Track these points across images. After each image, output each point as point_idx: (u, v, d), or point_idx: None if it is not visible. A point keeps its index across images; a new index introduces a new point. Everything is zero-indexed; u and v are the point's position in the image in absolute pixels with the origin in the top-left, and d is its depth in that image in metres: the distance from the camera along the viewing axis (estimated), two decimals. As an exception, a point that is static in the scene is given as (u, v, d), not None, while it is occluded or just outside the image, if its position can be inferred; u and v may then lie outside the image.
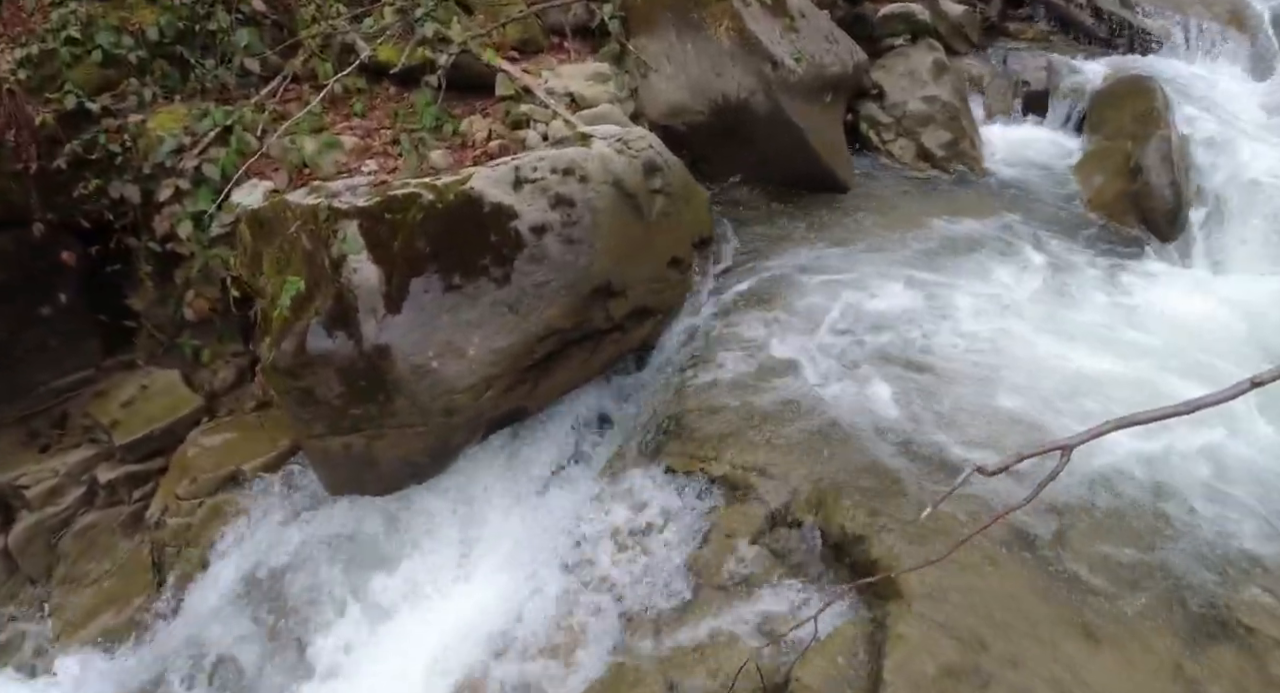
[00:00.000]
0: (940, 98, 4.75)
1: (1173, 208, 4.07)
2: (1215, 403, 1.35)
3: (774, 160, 4.29)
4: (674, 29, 4.31)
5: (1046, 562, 2.43)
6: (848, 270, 3.60)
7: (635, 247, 3.27)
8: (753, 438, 2.87)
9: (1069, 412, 2.97)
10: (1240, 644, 2.32)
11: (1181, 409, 1.36)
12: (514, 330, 2.98)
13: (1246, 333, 3.60)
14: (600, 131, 3.50)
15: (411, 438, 2.98)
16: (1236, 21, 5.53)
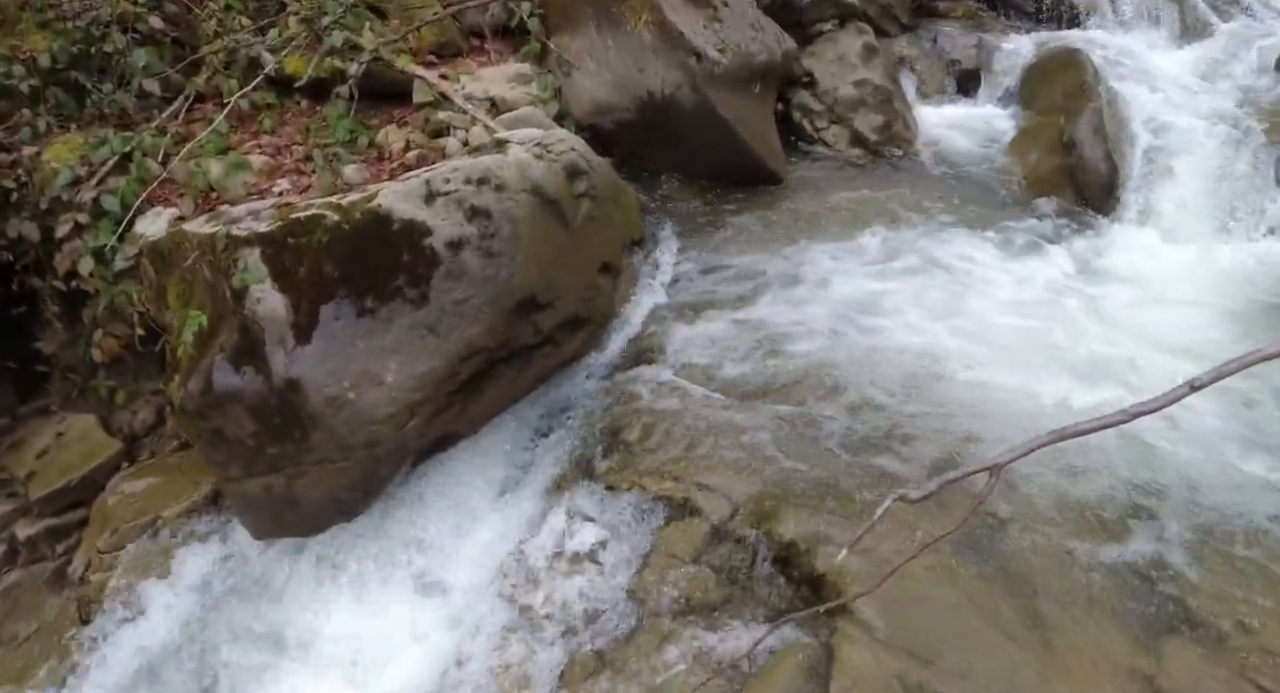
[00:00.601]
0: (872, 81, 4.66)
1: (1107, 181, 4.04)
2: (1153, 410, 1.26)
3: (705, 155, 4.17)
4: (594, 25, 4.17)
5: (994, 564, 2.35)
6: (785, 267, 3.50)
7: (561, 255, 3.12)
8: (692, 451, 2.76)
9: (1018, 401, 2.91)
10: (1196, 634, 2.26)
11: (1118, 419, 1.27)
12: (435, 353, 2.82)
13: (1184, 300, 3.59)
14: (518, 136, 3.35)
15: (334, 474, 2.81)
16: (1162, -10, 5.54)
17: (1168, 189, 4.06)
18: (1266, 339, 3.38)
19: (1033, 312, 3.44)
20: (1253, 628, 2.30)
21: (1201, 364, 3.12)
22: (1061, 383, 3.03)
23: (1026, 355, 3.17)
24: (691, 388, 3.00)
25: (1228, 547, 2.42)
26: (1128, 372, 3.12)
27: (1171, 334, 3.33)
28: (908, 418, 2.83)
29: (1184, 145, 4.22)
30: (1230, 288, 3.67)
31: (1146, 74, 4.71)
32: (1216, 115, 4.42)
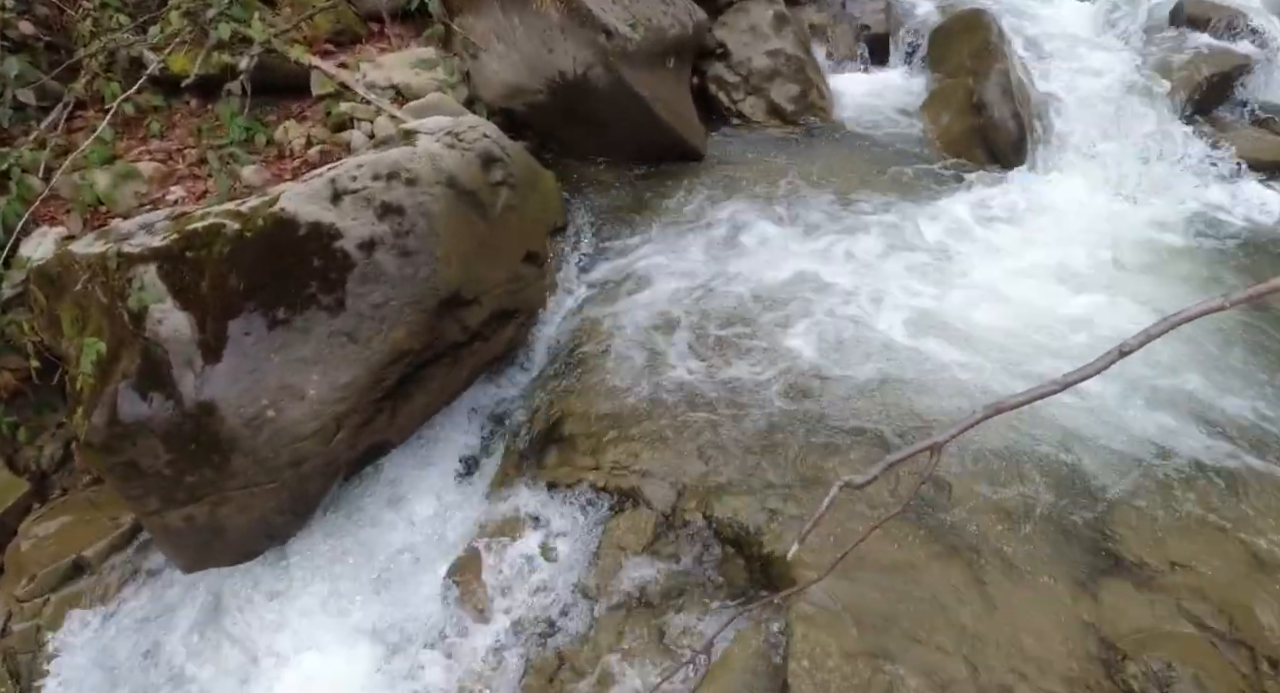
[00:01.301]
0: (784, 51, 4.64)
1: (1016, 138, 4.12)
2: (1085, 377, 1.26)
3: (623, 135, 4.08)
4: (499, 4, 4.02)
5: (937, 528, 2.39)
6: (709, 242, 3.48)
7: (483, 247, 3.01)
8: (633, 439, 2.71)
9: (950, 365, 2.96)
10: (1132, 577, 2.34)
11: (1051, 389, 1.27)
12: (357, 361, 2.69)
13: (1097, 251, 3.70)
14: (427, 126, 3.20)
15: (261, 497, 2.66)
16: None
17: (1075, 144, 4.17)
18: (1179, 285, 3.56)
19: (952, 270, 3.50)
20: (1184, 567, 2.40)
21: (1119, 314, 3.29)
22: (989, 342, 3.10)
23: (953, 316, 3.22)
24: (626, 373, 2.95)
25: (1154, 496, 2.52)
26: (1047, 326, 3.20)
27: (1084, 286, 3.44)
28: (844, 385, 2.85)
29: (1088, 100, 4.34)
30: (1140, 235, 3.81)
31: (1049, 32, 4.82)
32: (1118, 70, 4.57)
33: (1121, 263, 3.55)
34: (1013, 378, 2.85)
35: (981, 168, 4.14)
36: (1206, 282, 3.52)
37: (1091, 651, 2.23)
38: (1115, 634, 2.26)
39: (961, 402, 2.74)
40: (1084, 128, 4.21)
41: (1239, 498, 2.55)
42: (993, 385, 2.84)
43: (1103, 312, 3.20)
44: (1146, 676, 2.18)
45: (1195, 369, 2.97)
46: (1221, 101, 4.72)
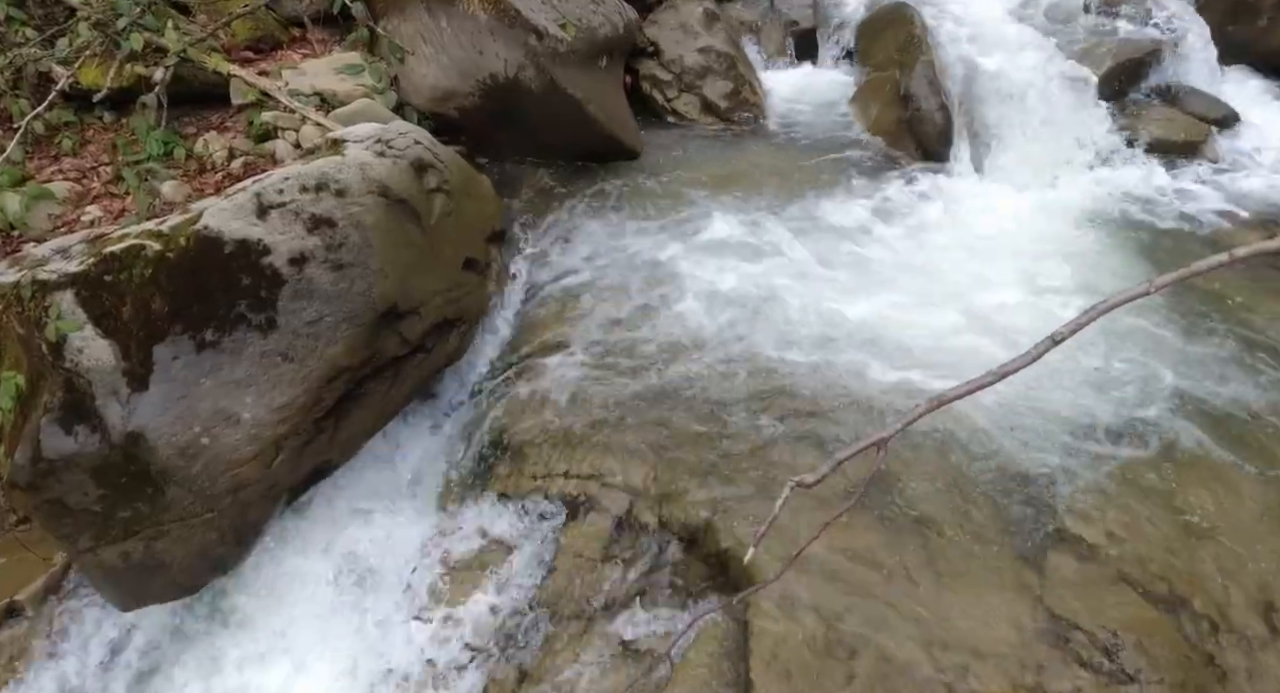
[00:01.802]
0: (715, 48, 4.66)
1: (943, 130, 4.22)
2: (1020, 367, 1.29)
3: (558, 135, 4.04)
4: (424, 6, 3.93)
5: (888, 513, 2.43)
6: (648, 241, 3.47)
7: (420, 257, 2.95)
8: (584, 445, 2.69)
9: (888, 356, 3.01)
10: (1074, 550, 2.42)
11: (988, 380, 1.30)
12: (293, 381, 2.60)
13: (1020, 237, 3.82)
14: (356, 134, 3.12)
15: (200, 529, 2.56)
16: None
17: (1001, 132, 4.28)
18: (1105, 269, 3.68)
19: (887, 260, 3.57)
20: (1122, 538, 2.49)
21: (1052, 299, 3.39)
22: (922, 332, 3.16)
23: (886, 307, 3.28)
24: (573, 377, 2.92)
25: (1089, 472, 2.61)
26: (978, 315, 3.28)
27: (1015, 273, 3.54)
28: (790, 380, 2.87)
29: (1011, 88, 4.46)
30: (1064, 221, 3.94)
31: (970, 22, 4.92)
32: (1037, 58, 4.70)
33: (1047, 250, 3.66)
34: (948, 368, 2.92)
35: (911, 158, 4.22)
36: (1133, 265, 3.65)
37: (1040, 624, 2.30)
38: (1062, 607, 2.33)
39: (902, 393, 2.79)
40: (1007, 116, 4.32)
41: (1169, 470, 2.66)
42: (930, 375, 2.90)
43: (1032, 299, 3.30)
44: (1094, 645, 2.26)
45: (1123, 349, 3.08)
46: (1135, 86, 4.90)
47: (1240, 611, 2.39)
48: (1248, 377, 3.06)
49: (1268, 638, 2.38)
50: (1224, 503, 2.61)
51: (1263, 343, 3.24)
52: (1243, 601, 2.41)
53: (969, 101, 4.36)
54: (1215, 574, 2.46)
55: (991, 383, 1.31)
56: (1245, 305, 3.44)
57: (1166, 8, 5.19)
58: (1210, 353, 3.14)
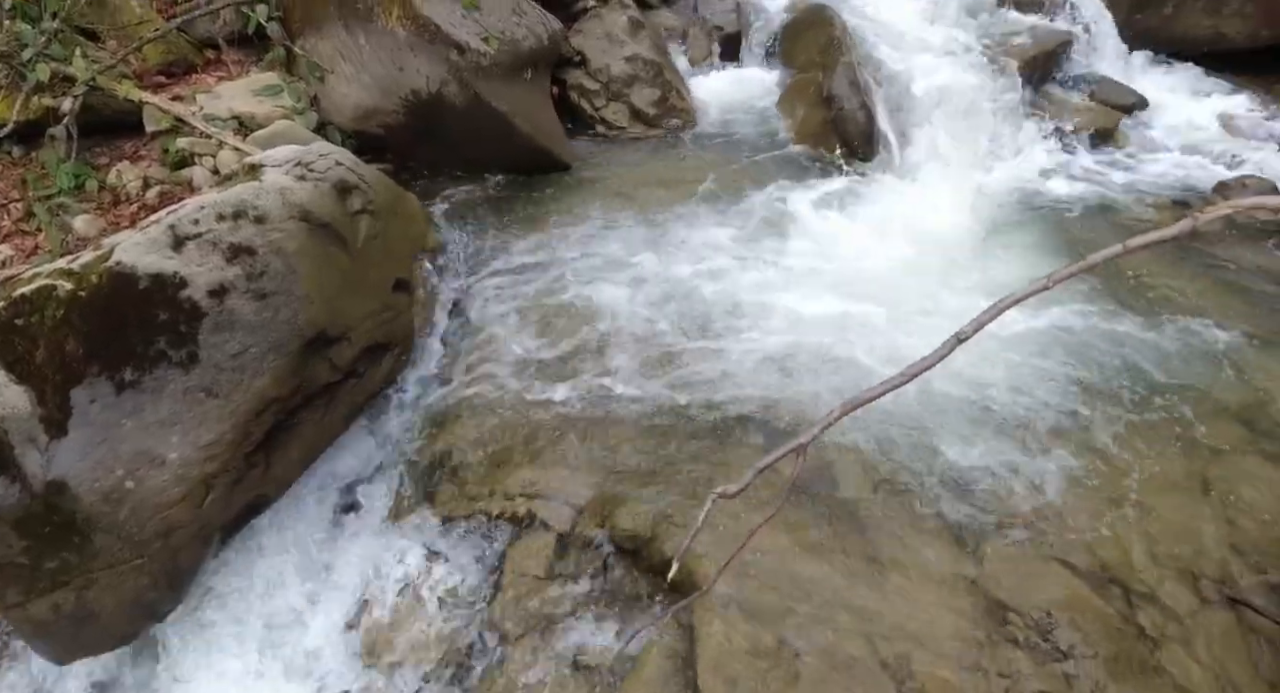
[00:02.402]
0: (641, 56, 4.68)
1: (867, 128, 4.30)
2: (928, 367, 1.32)
3: (486, 150, 4.02)
4: (342, 24, 3.88)
5: (826, 509, 2.48)
6: (582, 252, 3.47)
7: (347, 281, 2.89)
8: (525, 462, 2.68)
9: (815, 354, 3.06)
10: (1006, 534, 2.49)
11: (899, 381, 1.33)
12: (220, 416, 2.53)
13: (942, 229, 3.92)
14: (274, 157, 3.05)
15: (131, 576, 2.47)
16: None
17: (921, 128, 4.39)
18: (1022, 261, 3.79)
19: (815, 259, 3.63)
20: (1052, 518, 2.57)
21: (971, 289, 3.48)
22: (859, 327, 3.22)
23: (814, 305, 3.34)
24: (510, 394, 2.90)
25: (1016, 454, 2.69)
26: (901, 309, 3.35)
27: (937, 265, 3.63)
28: (723, 384, 2.91)
29: (930, 85, 4.57)
30: (987, 213, 4.05)
31: (888, 21, 5.05)
32: (956, 52, 4.83)
33: (967, 240, 3.77)
34: (874, 362, 2.98)
35: (837, 157, 4.30)
36: (1049, 252, 3.78)
37: (978, 609, 2.36)
38: (998, 590, 2.40)
39: (832, 389, 2.85)
40: (927, 113, 4.43)
41: (1091, 450, 2.76)
42: (855, 371, 2.97)
43: (953, 292, 3.39)
44: (1029, 625, 2.32)
45: (1042, 337, 3.19)
46: (1049, 77, 5.08)
47: (1167, 581, 2.48)
48: (1161, 355, 3.19)
49: (1195, 606, 2.47)
50: (1145, 478, 2.71)
51: (1176, 321, 3.38)
52: (1169, 571, 2.51)
53: (890, 99, 4.46)
54: (1141, 547, 2.55)
55: (903, 384, 1.34)
56: (1161, 285, 3.59)
57: (1075, 0, 5.38)
58: (1126, 333, 3.26)
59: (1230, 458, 2.85)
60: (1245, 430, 2.95)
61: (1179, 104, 5.22)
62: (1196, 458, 2.83)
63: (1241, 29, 5.22)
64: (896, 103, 4.44)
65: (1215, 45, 5.33)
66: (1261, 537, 2.61)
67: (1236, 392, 3.08)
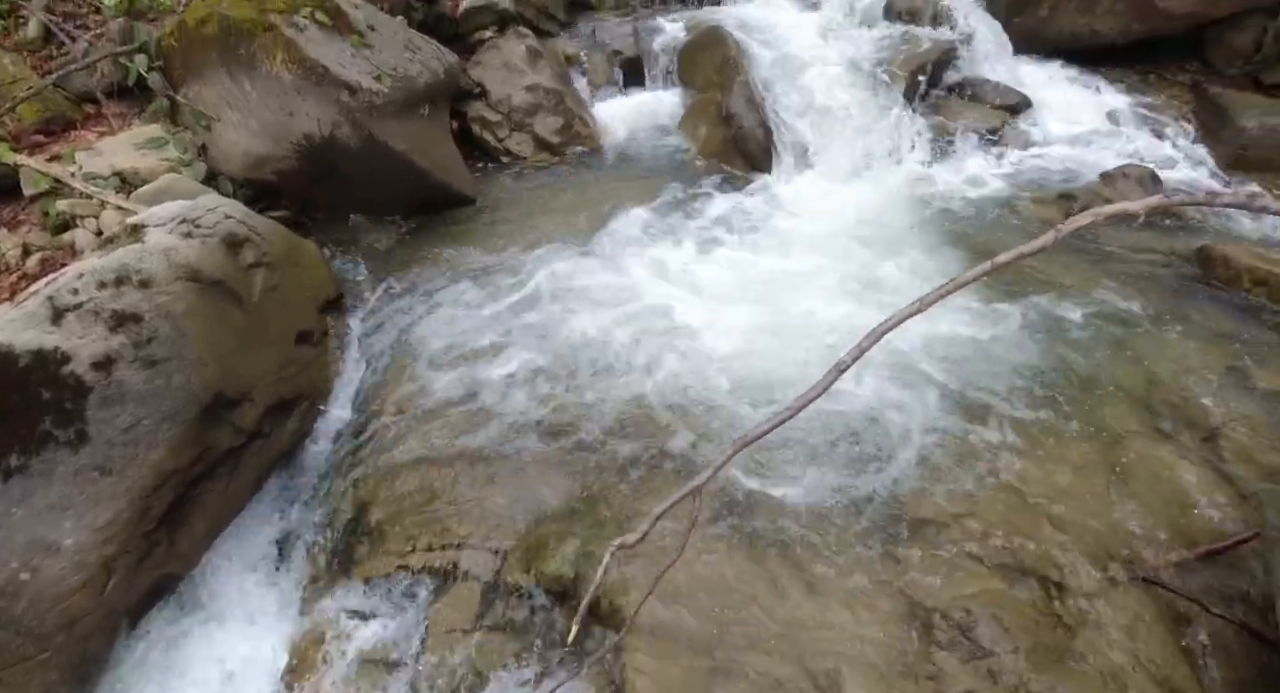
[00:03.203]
0: (542, 85, 4.69)
1: (765, 143, 4.40)
2: (814, 398, 1.34)
3: (386, 190, 3.95)
4: (225, 71, 3.76)
5: (749, 532, 2.49)
6: (490, 288, 3.43)
7: (245, 339, 2.80)
8: (445, 512, 2.61)
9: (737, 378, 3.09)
10: (924, 538, 2.55)
11: (788, 414, 1.35)
12: (116, 495, 2.41)
13: (840, 237, 4.01)
14: (157, 216, 2.94)
15: (37, 671, 2.32)
16: (779, -43, 6.08)
17: (819, 140, 4.51)
18: (919, 261, 3.91)
19: (723, 274, 3.68)
20: (965, 515, 2.64)
21: (872, 290, 3.57)
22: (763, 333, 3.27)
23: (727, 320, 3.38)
24: (426, 441, 2.84)
25: (929, 459, 2.76)
26: (804, 327, 3.41)
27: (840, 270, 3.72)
28: (642, 407, 2.91)
29: (825, 97, 4.70)
30: (883, 217, 4.17)
31: (781, 38, 5.17)
32: (846, 65, 4.98)
33: (864, 246, 3.87)
34: (779, 385, 3.03)
35: (740, 173, 4.38)
36: (943, 256, 3.90)
37: (903, 615, 2.39)
38: (920, 594, 2.44)
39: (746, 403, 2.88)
40: (824, 124, 4.56)
41: (997, 445, 2.85)
42: (763, 391, 3.01)
43: (853, 307, 3.47)
44: (952, 626, 2.37)
45: (940, 339, 3.29)
46: (938, 82, 5.27)
47: (1077, 567, 2.57)
48: (1056, 346, 3.32)
49: (1106, 587, 2.56)
50: (1051, 468, 2.81)
51: (1064, 308, 3.53)
52: (1078, 557, 2.59)
53: (787, 114, 4.56)
54: (1051, 535, 2.63)
55: (791, 417, 1.36)
56: (1044, 276, 3.73)
57: (957, 7, 5.61)
58: (1019, 328, 3.39)
59: (1130, 441, 2.97)
60: (1142, 412, 3.09)
61: (1061, 100, 5.47)
62: (1099, 443, 2.94)
63: (1114, 25, 5.48)
64: (794, 117, 4.55)
65: (1091, 42, 5.58)
66: (1164, 514, 2.72)
67: (1131, 374, 3.23)
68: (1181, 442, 2.95)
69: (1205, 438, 2.98)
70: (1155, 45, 5.48)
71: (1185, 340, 3.42)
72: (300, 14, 3.79)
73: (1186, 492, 2.77)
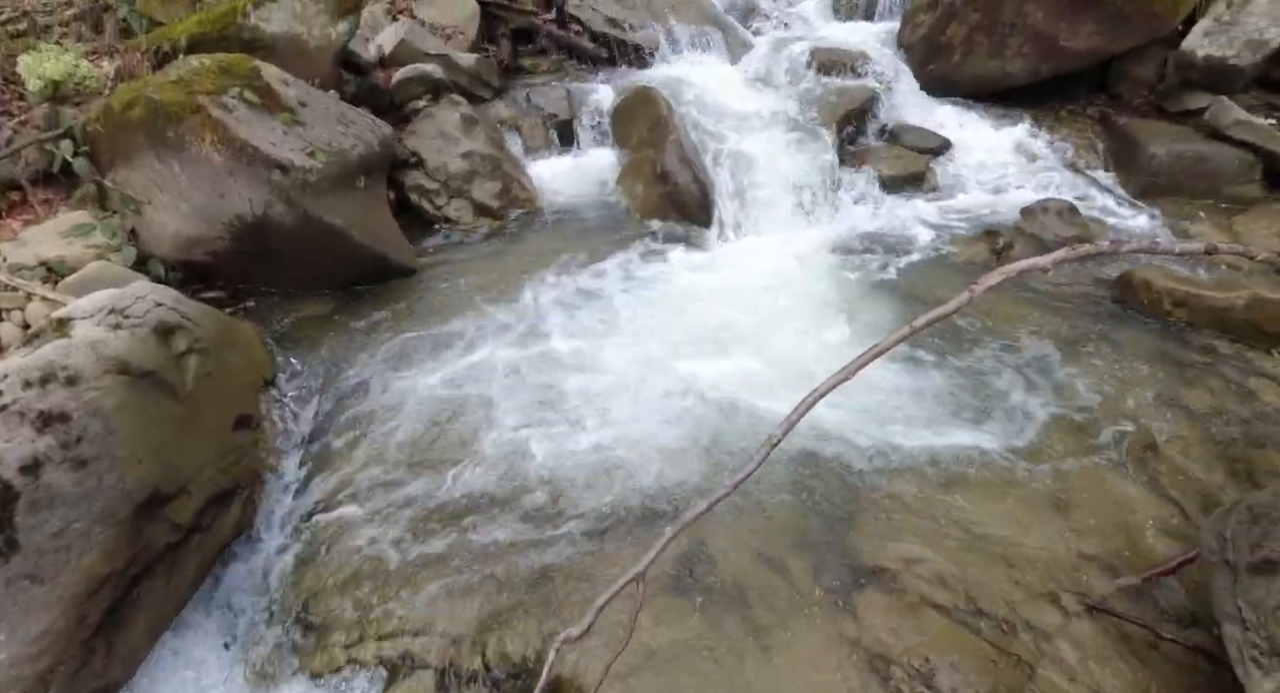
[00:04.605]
0: (478, 151, 4.74)
1: (700, 200, 4.50)
2: (748, 475, 1.37)
3: (323, 265, 3.92)
4: (153, 154, 3.72)
5: (705, 596, 2.47)
6: (431, 362, 3.41)
7: (179, 430, 2.72)
8: (395, 600, 2.55)
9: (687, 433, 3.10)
10: (879, 585, 2.56)
11: (724, 493, 1.37)
12: (48, 604, 2.30)
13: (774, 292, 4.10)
14: (84, 308, 2.86)
15: (-41, 799, 2.18)
16: (706, 19, 6.33)
17: (751, 192, 4.63)
18: (854, 307, 4.00)
19: (669, 330, 3.73)
20: (917, 560, 2.67)
21: (805, 339, 3.63)
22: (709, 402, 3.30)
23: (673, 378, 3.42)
24: (372, 525, 2.78)
25: (879, 506, 2.80)
26: (741, 384, 3.45)
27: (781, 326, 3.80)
28: (589, 475, 2.90)
29: (755, 150, 4.84)
30: (816, 263, 4.29)
31: (711, 95, 5.33)
32: (776, 118, 5.15)
33: (796, 296, 3.96)
34: (727, 435, 3.06)
35: (678, 229, 4.47)
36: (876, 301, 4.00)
37: (862, 667, 2.39)
38: (878, 645, 2.45)
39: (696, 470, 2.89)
40: (755, 177, 4.68)
41: (943, 488, 2.90)
42: (701, 456, 3.04)
43: (788, 363, 3.53)
44: (911, 675, 2.38)
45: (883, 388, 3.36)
46: (862, 131, 5.48)
47: (1030, 605, 2.61)
48: (995, 382, 3.42)
49: (1060, 620, 2.60)
50: (995, 505, 2.87)
51: (1000, 345, 3.65)
52: (1030, 591, 2.64)
53: (720, 169, 4.68)
54: (1002, 572, 2.68)
55: (727, 495, 1.38)
56: (984, 319, 3.86)
57: (874, 58, 5.87)
58: (955, 367, 3.49)
59: (1071, 469, 3.06)
60: (1081, 439, 3.19)
61: (979, 140, 5.72)
62: (1041, 474, 3.02)
63: (1023, 66, 5.77)
64: (726, 171, 4.67)
65: (1004, 83, 5.87)
66: (1111, 540, 2.79)
67: (1067, 403, 3.34)
68: (1121, 466, 3.05)
69: (1143, 461, 3.08)
70: (1064, 81, 5.78)
71: (1116, 366, 3.56)
72: (229, 94, 3.79)
73: (1130, 516, 2.86)
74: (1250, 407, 3.34)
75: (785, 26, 6.55)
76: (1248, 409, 3.33)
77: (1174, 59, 5.38)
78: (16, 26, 4.77)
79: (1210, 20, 5.26)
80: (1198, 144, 5.00)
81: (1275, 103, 5.26)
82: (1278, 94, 5.31)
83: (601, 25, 6.05)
